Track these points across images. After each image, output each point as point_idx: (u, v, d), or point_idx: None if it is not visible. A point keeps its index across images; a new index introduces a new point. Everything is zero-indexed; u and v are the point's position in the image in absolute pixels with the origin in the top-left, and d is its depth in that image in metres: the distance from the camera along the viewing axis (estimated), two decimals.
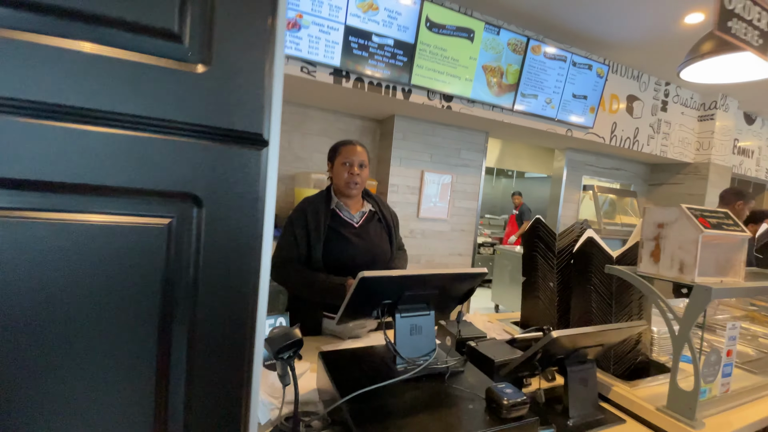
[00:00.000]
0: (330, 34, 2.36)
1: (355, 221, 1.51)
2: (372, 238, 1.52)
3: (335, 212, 1.50)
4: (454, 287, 1.05)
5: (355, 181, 1.47)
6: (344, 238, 1.46)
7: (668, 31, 2.99)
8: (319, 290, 1.37)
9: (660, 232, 1.16)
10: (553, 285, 1.53)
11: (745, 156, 5.06)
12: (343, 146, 1.51)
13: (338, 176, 1.48)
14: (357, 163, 1.48)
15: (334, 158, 1.51)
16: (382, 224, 1.60)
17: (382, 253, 1.55)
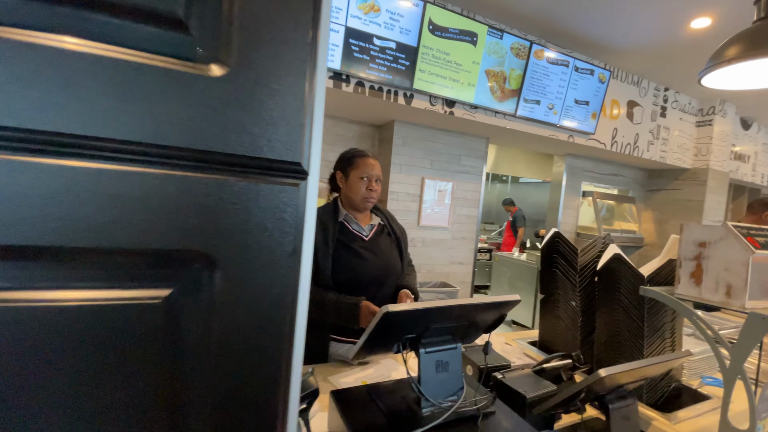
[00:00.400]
0: (330, 36, 2.25)
1: (365, 234, 1.41)
2: (383, 252, 1.42)
3: (344, 225, 1.39)
4: (483, 316, 0.94)
5: (372, 196, 1.39)
6: (355, 252, 1.35)
7: (673, 36, 2.95)
8: (330, 312, 1.26)
9: (702, 251, 1.07)
10: (575, 304, 1.43)
11: (741, 161, 5.07)
12: (360, 158, 1.40)
13: (354, 190, 1.38)
14: (375, 178, 1.39)
15: (348, 170, 1.40)
16: (392, 238, 1.50)
17: (394, 268, 1.45)
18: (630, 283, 1.26)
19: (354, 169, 1.38)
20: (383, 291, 1.41)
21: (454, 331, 0.92)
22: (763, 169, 5.43)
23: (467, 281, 3.70)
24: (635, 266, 1.28)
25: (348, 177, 1.39)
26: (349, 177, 1.39)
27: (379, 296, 1.38)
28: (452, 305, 0.81)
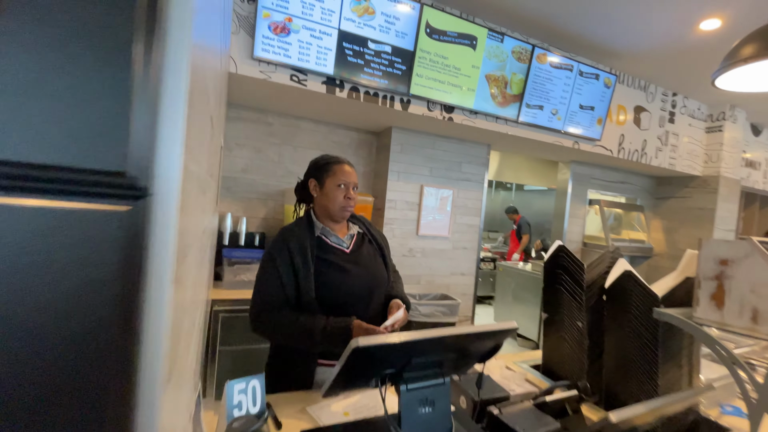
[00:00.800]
0: (322, 39, 2.17)
1: (345, 246, 1.31)
2: (368, 263, 1.32)
3: (322, 240, 1.28)
4: (476, 346, 0.83)
5: (351, 205, 1.30)
6: (337, 267, 1.25)
7: (681, 39, 2.84)
8: (320, 339, 1.12)
9: (724, 270, 0.95)
10: (582, 325, 1.30)
11: (753, 168, 4.90)
12: (337, 165, 1.30)
13: (331, 199, 1.28)
14: (352, 185, 1.30)
15: (323, 177, 1.29)
16: (374, 246, 1.40)
17: (381, 278, 1.34)
18: (642, 303, 1.14)
19: (330, 176, 1.28)
20: (373, 304, 1.30)
21: (441, 364, 0.81)
22: None
23: (469, 293, 3.57)
24: (647, 284, 1.15)
25: (323, 185, 1.29)
26: (324, 185, 1.28)
27: (370, 310, 1.28)
28: (436, 337, 0.69)
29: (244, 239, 2.67)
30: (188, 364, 0.56)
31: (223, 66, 1.44)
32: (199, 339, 1.01)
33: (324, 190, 1.29)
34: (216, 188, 1.43)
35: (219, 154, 1.41)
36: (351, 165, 1.34)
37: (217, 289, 2.29)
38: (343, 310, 1.19)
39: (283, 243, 1.22)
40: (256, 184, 2.87)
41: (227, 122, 2.74)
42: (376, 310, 1.30)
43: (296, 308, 1.20)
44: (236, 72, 2.05)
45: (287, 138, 2.96)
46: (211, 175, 1.03)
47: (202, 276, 0.95)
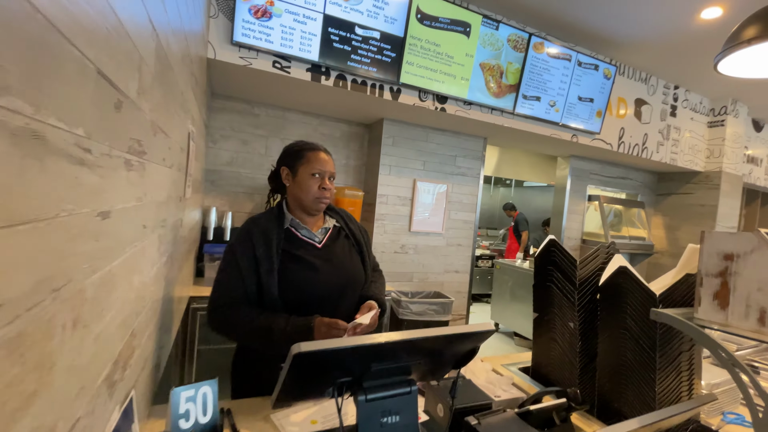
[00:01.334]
0: (306, 24, 2.07)
1: (317, 241, 1.20)
2: (341, 259, 1.21)
3: (290, 232, 1.18)
4: (449, 350, 0.74)
5: (326, 196, 1.18)
6: (305, 263, 1.14)
7: (682, 27, 2.73)
8: (279, 339, 1.00)
9: (728, 266, 0.85)
10: (573, 326, 1.21)
11: (754, 164, 4.80)
12: (311, 152, 1.19)
13: (304, 189, 1.16)
14: (328, 174, 1.19)
15: (297, 165, 1.18)
16: (351, 241, 1.28)
17: (355, 276, 1.23)
18: (638, 302, 1.05)
19: (304, 164, 1.16)
20: (344, 305, 1.18)
21: (408, 370, 0.71)
22: None
23: (464, 291, 3.48)
24: (645, 282, 1.06)
25: (296, 174, 1.17)
26: (297, 173, 1.17)
27: (339, 313, 1.14)
28: (398, 341, 0.60)
29: (229, 234, 2.58)
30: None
31: (192, 47, 1.34)
32: (142, 337, 0.92)
33: (297, 180, 1.17)
34: (184, 177, 1.34)
35: (186, 141, 1.31)
36: (327, 152, 1.23)
37: (197, 286, 2.20)
38: (309, 311, 1.07)
39: (246, 234, 1.12)
40: (242, 178, 2.78)
41: (211, 113, 2.64)
42: (347, 312, 1.18)
43: (258, 306, 1.09)
44: (215, 58, 1.95)
45: (275, 130, 2.87)
46: (163, 160, 0.94)
47: (143, 270, 0.86)
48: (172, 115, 0.96)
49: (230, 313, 1.07)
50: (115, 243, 0.55)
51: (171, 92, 0.93)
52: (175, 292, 1.35)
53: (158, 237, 0.90)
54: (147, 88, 0.68)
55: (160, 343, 1.09)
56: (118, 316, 0.61)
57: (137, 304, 0.75)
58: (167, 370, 1.66)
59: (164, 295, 1.09)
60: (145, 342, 0.86)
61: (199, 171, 2.04)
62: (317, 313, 1.07)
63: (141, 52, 0.62)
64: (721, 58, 1.46)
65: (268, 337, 1.02)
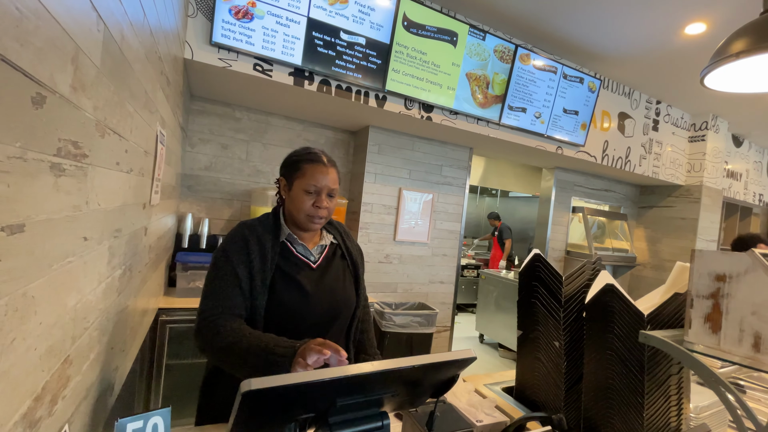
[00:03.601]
0: (290, 27, 2.01)
1: (312, 260, 1.09)
2: (333, 282, 1.10)
3: (286, 246, 1.06)
4: (426, 379, 0.67)
5: (320, 215, 1.05)
6: (297, 284, 1.02)
7: (666, 43, 2.77)
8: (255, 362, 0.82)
9: (721, 287, 0.81)
10: (559, 345, 1.16)
11: (734, 179, 4.91)
12: (308, 164, 1.04)
13: (297, 205, 1.04)
14: (326, 191, 1.05)
15: (292, 177, 1.06)
16: (346, 261, 1.17)
17: (347, 302, 1.12)
18: (626, 322, 1.00)
19: (299, 177, 1.04)
20: (331, 333, 1.08)
21: (380, 402, 0.64)
22: (755, 187, 5.28)
23: (448, 302, 3.42)
24: (632, 300, 1.01)
25: (291, 187, 1.05)
26: (292, 187, 1.05)
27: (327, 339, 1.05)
28: (365, 373, 0.53)
29: (205, 242, 2.48)
30: None
31: (163, 45, 1.27)
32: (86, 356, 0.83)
33: (291, 194, 1.05)
34: (150, 182, 1.25)
35: (153, 143, 1.23)
36: (330, 163, 1.08)
37: (169, 297, 2.08)
38: (293, 337, 0.89)
39: (242, 240, 1.00)
40: (220, 183, 2.68)
41: (189, 115, 2.55)
42: (337, 337, 1.10)
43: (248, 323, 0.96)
44: (192, 58, 1.87)
45: (256, 134, 2.78)
46: (117, 163, 0.86)
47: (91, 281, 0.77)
48: (129, 116, 0.88)
49: (224, 327, 0.89)
50: (32, 261, 0.47)
51: (129, 90, 0.86)
52: (136, 307, 1.25)
53: (108, 249, 0.81)
54: (88, 84, 0.61)
55: (113, 365, 1.00)
56: (42, 344, 0.53)
57: (74, 327, 0.66)
58: (130, 390, 1.54)
59: (119, 311, 1.00)
60: (88, 368, 0.77)
61: (172, 176, 1.94)
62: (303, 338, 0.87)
63: (78, 42, 0.55)
64: (708, 71, 1.44)
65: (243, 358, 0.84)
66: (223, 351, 0.87)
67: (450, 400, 1.13)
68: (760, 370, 0.74)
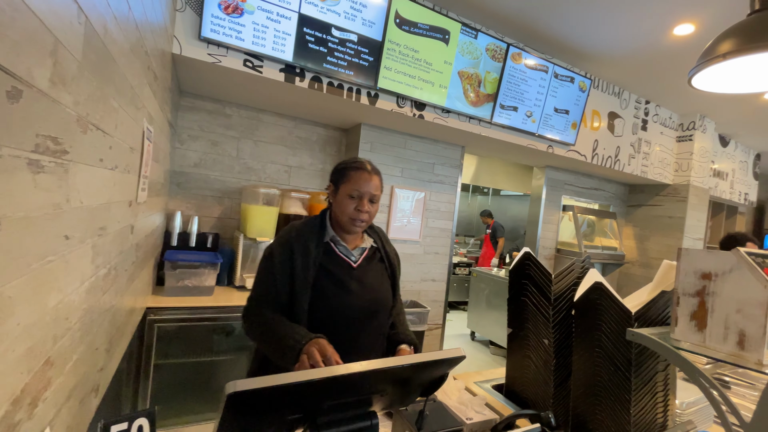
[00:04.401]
0: (280, 23, 1.99)
1: (353, 260, 1.18)
2: (372, 282, 1.19)
3: (329, 247, 1.16)
4: (415, 378, 0.67)
5: (362, 218, 1.15)
6: (339, 283, 1.12)
7: (655, 43, 2.80)
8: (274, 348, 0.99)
9: (706, 285, 0.82)
10: (548, 342, 1.17)
11: (720, 178, 5.00)
12: (354, 171, 1.15)
13: (342, 209, 1.14)
14: (368, 196, 1.14)
15: (339, 183, 1.17)
16: (384, 264, 1.26)
17: (384, 302, 1.20)
18: (614, 320, 1.01)
19: (345, 182, 1.14)
20: (370, 329, 1.16)
21: (368, 402, 0.64)
22: (740, 187, 5.38)
23: (440, 300, 3.43)
24: (620, 299, 1.02)
25: (338, 192, 1.16)
26: (338, 192, 1.16)
27: (364, 337, 1.15)
28: (347, 374, 0.52)
29: (195, 240, 2.45)
30: None
31: (150, 40, 1.24)
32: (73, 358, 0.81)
33: (337, 198, 1.16)
34: (137, 180, 1.23)
35: (139, 140, 1.20)
36: (374, 171, 1.18)
37: (157, 296, 2.05)
38: (335, 330, 1.05)
39: (287, 244, 1.12)
40: (210, 181, 2.65)
41: (178, 112, 2.51)
42: (371, 336, 1.17)
43: (287, 316, 1.08)
44: (180, 53, 1.84)
45: (247, 131, 2.75)
46: (100, 159, 0.84)
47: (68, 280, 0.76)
48: (114, 111, 0.86)
49: (254, 316, 1.10)
50: (9, 260, 0.45)
51: (113, 85, 0.84)
52: (122, 306, 1.23)
53: (92, 248, 0.79)
54: (69, 78, 0.59)
55: (98, 366, 0.98)
56: (20, 346, 0.51)
57: (56, 327, 0.65)
58: (116, 391, 1.52)
59: (104, 311, 0.98)
60: (70, 369, 0.76)
61: (160, 173, 1.91)
62: (345, 335, 1.07)
63: (57, 35, 0.53)
64: (695, 72, 1.46)
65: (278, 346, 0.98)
66: (258, 336, 1.06)
67: (440, 398, 1.13)
68: (744, 367, 0.75)
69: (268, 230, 2.45)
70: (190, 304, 2.00)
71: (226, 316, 2.08)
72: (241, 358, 2.20)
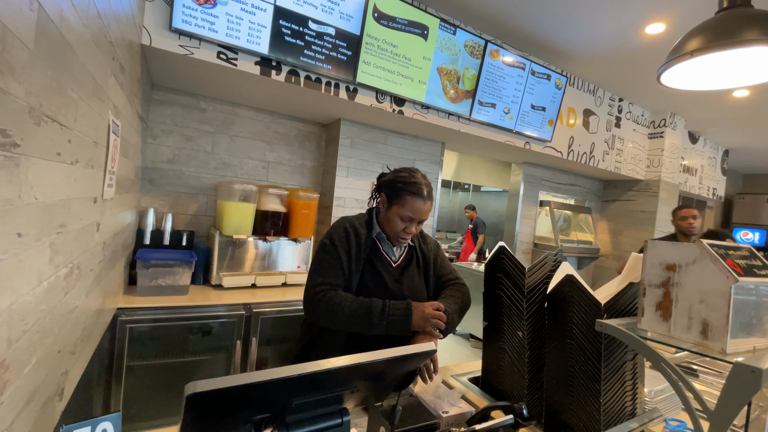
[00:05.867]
0: (255, 14, 1.94)
1: (394, 260, 1.30)
2: (408, 283, 1.30)
3: (375, 243, 1.28)
4: (388, 374, 0.66)
5: (406, 238, 1.27)
6: (380, 278, 1.25)
7: (628, 42, 2.87)
8: (378, 320, 1.15)
9: (671, 276, 0.85)
10: (522, 335, 1.19)
11: (690, 174, 5.19)
12: (410, 196, 1.22)
13: (390, 225, 1.25)
14: (418, 221, 1.25)
15: (393, 200, 1.24)
16: (419, 265, 1.37)
17: (419, 300, 1.28)
18: (584, 312, 1.03)
19: (399, 204, 1.22)
20: None
21: (340, 399, 0.63)
22: (709, 182, 5.60)
23: None
24: (591, 290, 1.05)
25: (390, 208, 1.24)
26: (391, 208, 1.24)
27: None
28: (314, 372, 0.52)
29: (168, 238, 2.38)
30: None
31: (115, 30, 1.19)
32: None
33: (388, 213, 1.25)
34: (103, 175, 1.18)
35: (104, 133, 1.15)
36: (429, 197, 1.25)
37: (129, 296, 1.99)
38: None
39: (345, 231, 1.23)
40: (185, 177, 2.58)
41: (150, 105, 2.43)
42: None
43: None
44: (150, 45, 1.78)
45: (223, 126, 2.69)
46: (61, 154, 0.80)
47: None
48: (73, 103, 0.82)
49: (332, 295, 1.16)
50: None
51: (71, 76, 0.80)
52: (89, 307, 1.19)
53: (49, 246, 0.75)
54: (18, 68, 0.55)
55: (61, 369, 0.94)
56: None
57: (10, 330, 0.61)
58: (87, 393, 1.47)
59: (66, 312, 0.94)
60: (29, 372, 0.72)
61: (131, 169, 1.85)
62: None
63: (5, 22, 0.50)
64: (664, 69, 1.50)
65: (368, 318, 1.13)
66: (340, 313, 1.14)
67: (417, 392, 1.14)
68: (708, 356, 0.78)
69: (245, 227, 2.41)
70: (164, 304, 1.95)
71: (202, 315, 2.04)
72: (219, 358, 2.16)
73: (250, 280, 2.41)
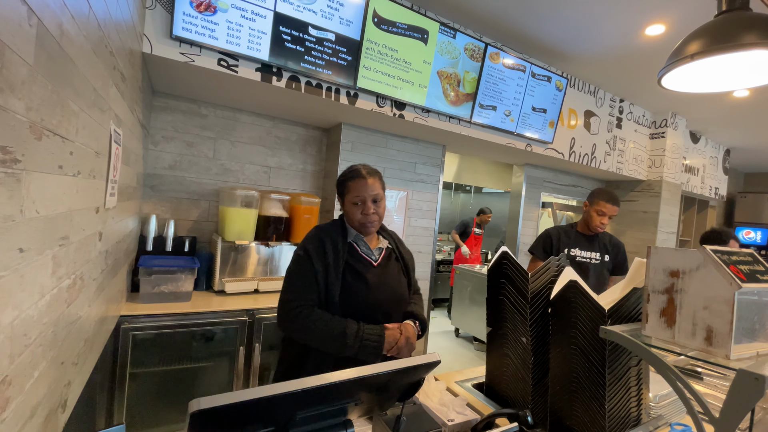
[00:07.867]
0: (255, 21, 1.94)
1: (374, 259, 1.31)
2: (392, 279, 1.32)
3: (353, 246, 1.29)
4: (392, 385, 0.66)
5: (371, 220, 1.28)
6: (362, 278, 1.25)
7: (628, 44, 2.87)
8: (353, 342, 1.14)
9: (675, 283, 0.84)
10: (526, 341, 1.18)
11: (692, 174, 5.17)
12: (350, 180, 1.28)
13: (351, 217, 1.29)
14: (370, 198, 1.27)
15: (343, 195, 1.31)
16: (400, 264, 1.40)
17: (401, 296, 1.35)
18: (588, 318, 1.03)
19: (347, 193, 1.28)
20: (391, 321, 1.28)
21: (344, 411, 0.63)
22: (711, 181, 5.58)
23: (424, 297, 3.44)
24: (594, 296, 1.04)
25: (344, 203, 1.30)
26: (344, 203, 1.30)
27: None
28: (317, 386, 0.51)
29: (171, 244, 2.38)
30: None
31: (116, 39, 1.19)
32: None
33: (345, 208, 1.31)
34: (105, 185, 1.18)
35: (106, 143, 1.16)
36: (370, 174, 1.28)
37: (132, 303, 1.99)
38: (363, 320, 1.21)
39: (320, 241, 1.24)
40: (186, 183, 2.58)
41: (152, 112, 2.43)
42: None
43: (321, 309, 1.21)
44: (151, 52, 1.78)
45: (224, 132, 2.69)
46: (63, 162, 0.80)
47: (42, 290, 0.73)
48: (74, 115, 0.83)
49: (307, 313, 1.16)
50: None
51: (72, 88, 0.80)
52: (92, 316, 1.19)
53: (51, 259, 0.76)
54: (18, 84, 0.56)
55: (64, 380, 0.94)
56: None
57: (12, 346, 0.61)
58: (90, 403, 1.47)
59: (69, 323, 0.94)
60: (32, 386, 0.72)
61: (132, 176, 1.85)
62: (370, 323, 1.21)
63: (4, 39, 0.50)
64: (665, 72, 1.49)
65: (342, 339, 1.13)
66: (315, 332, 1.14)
67: (422, 400, 1.13)
68: (712, 363, 0.77)
69: (247, 233, 2.41)
70: (166, 311, 1.95)
71: (205, 322, 2.04)
72: (222, 364, 2.16)
73: (253, 286, 2.41)
